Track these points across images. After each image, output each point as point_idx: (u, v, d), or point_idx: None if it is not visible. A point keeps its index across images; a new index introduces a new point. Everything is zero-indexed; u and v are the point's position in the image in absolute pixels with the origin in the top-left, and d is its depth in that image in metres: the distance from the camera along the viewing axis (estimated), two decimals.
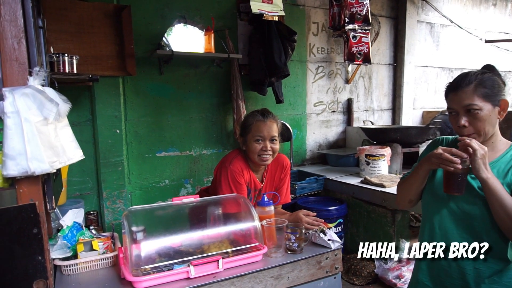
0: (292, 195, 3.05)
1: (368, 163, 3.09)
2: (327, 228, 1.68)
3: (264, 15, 2.42)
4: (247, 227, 1.54)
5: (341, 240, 2.99)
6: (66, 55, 2.08)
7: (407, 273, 2.54)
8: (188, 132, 3.15)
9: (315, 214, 1.75)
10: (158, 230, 1.46)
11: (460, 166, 1.19)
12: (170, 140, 3.09)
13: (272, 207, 1.67)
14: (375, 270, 2.71)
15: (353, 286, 2.72)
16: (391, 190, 2.72)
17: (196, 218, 1.63)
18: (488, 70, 1.31)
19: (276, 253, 1.50)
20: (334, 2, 3.39)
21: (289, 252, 1.52)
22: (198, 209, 1.64)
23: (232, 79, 3.18)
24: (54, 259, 1.39)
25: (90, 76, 2.16)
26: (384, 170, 3.08)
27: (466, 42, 4.96)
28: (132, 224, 1.36)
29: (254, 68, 3.24)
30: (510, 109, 1.33)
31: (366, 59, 3.47)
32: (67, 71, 2.08)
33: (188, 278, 1.32)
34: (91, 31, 2.54)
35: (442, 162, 1.22)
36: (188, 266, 1.32)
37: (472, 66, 4.79)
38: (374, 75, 4.31)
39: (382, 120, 4.48)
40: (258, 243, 1.48)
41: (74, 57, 2.15)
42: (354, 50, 3.39)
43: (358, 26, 3.34)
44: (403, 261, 2.61)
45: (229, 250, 1.44)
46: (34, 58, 1.12)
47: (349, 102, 4.12)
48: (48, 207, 1.18)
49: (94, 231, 1.65)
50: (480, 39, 4.97)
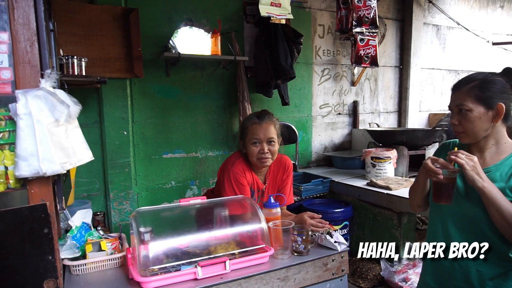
0: (298, 197, 3.05)
1: (374, 166, 3.08)
2: (333, 230, 1.68)
3: (272, 18, 2.43)
4: (254, 228, 1.55)
5: (346, 242, 2.99)
6: (75, 57, 2.11)
7: (413, 276, 2.52)
8: (194, 133, 3.17)
9: (320, 216, 1.75)
10: (165, 231, 1.47)
11: (441, 177, 1.21)
12: (177, 142, 3.11)
13: (278, 209, 1.68)
14: (381, 273, 2.70)
15: None
16: (397, 192, 2.71)
17: (203, 219, 1.64)
18: (504, 73, 1.30)
19: (282, 254, 1.50)
20: (342, 5, 3.40)
21: (295, 254, 1.52)
22: (205, 210, 1.65)
23: (238, 81, 3.20)
24: (63, 259, 1.40)
25: (99, 78, 2.18)
26: (390, 173, 3.07)
27: (473, 44, 4.94)
28: (140, 225, 1.37)
29: (260, 70, 3.25)
30: None
31: (374, 62, 3.47)
32: (76, 73, 2.11)
33: (195, 279, 1.32)
34: (100, 34, 2.57)
35: (427, 172, 1.26)
36: (196, 267, 1.32)
37: (479, 68, 4.76)
38: (380, 78, 4.30)
39: (388, 122, 4.47)
40: (264, 245, 1.49)
41: (83, 59, 2.18)
42: (362, 53, 3.39)
43: (366, 29, 3.34)
44: (409, 263, 2.60)
45: (236, 251, 1.45)
46: (46, 60, 1.14)
47: (355, 105, 4.11)
48: (58, 207, 1.20)
49: (101, 232, 1.67)
50: (487, 41, 4.94)
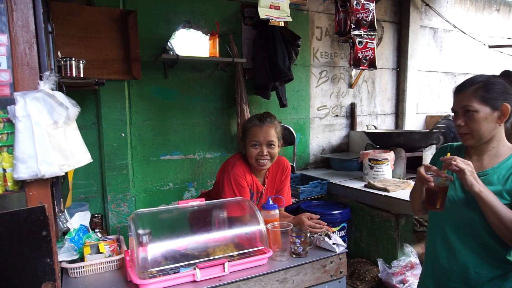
0: (296, 199, 3.06)
1: (371, 167, 3.09)
2: (331, 231, 1.69)
3: (270, 20, 2.44)
4: (252, 230, 1.55)
5: (344, 244, 3.00)
6: (73, 59, 2.11)
7: (411, 277, 2.53)
8: (192, 135, 3.17)
9: (318, 217, 1.75)
10: (164, 233, 1.47)
11: (432, 184, 1.22)
12: (174, 144, 3.10)
13: (277, 211, 1.68)
14: (379, 275, 2.71)
15: None
16: (395, 194, 2.72)
17: (202, 221, 1.64)
18: (505, 75, 1.31)
19: (281, 256, 1.50)
20: (340, 8, 3.41)
21: (294, 255, 1.53)
22: (203, 212, 1.65)
23: (236, 83, 3.20)
24: (61, 262, 1.40)
25: (97, 80, 2.18)
26: (387, 175, 3.08)
27: (469, 47, 4.97)
28: (139, 227, 1.37)
29: (258, 72, 3.26)
30: None
31: (372, 65, 3.48)
32: (74, 75, 2.10)
33: (194, 281, 1.32)
34: (98, 36, 2.57)
35: (419, 180, 1.27)
36: (194, 269, 1.32)
37: (476, 71, 4.79)
38: (378, 80, 4.32)
39: (385, 124, 4.49)
40: (263, 247, 1.49)
41: (81, 61, 2.18)
42: (360, 55, 3.41)
43: (364, 31, 3.35)
44: (407, 265, 2.60)
45: (234, 253, 1.45)
46: (45, 62, 1.14)
47: (352, 107, 4.12)
48: (56, 209, 1.20)
49: (99, 234, 1.66)
50: (484, 44, 4.98)
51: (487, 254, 1.27)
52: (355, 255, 3.08)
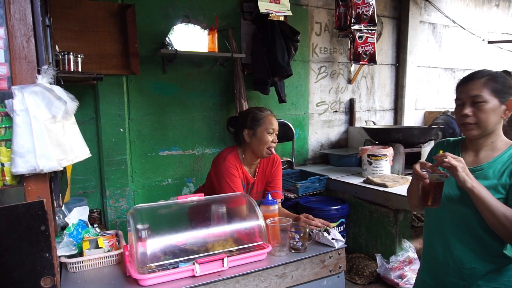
0: (295, 195, 3.06)
1: (370, 163, 3.09)
2: (330, 227, 1.69)
3: (270, 14, 2.42)
4: (252, 225, 1.55)
5: (343, 239, 3.01)
6: (71, 53, 2.09)
7: (409, 272, 2.54)
8: (191, 131, 3.16)
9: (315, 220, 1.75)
10: (163, 228, 1.47)
11: (427, 181, 1.22)
12: (173, 139, 3.10)
13: (276, 206, 1.68)
14: (377, 270, 2.72)
15: (355, 285, 2.73)
16: (393, 190, 2.72)
17: (201, 216, 1.64)
18: (505, 73, 1.32)
19: (280, 251, 1.50)
20: (340, 3, 3.39)
21: (293, 251, 1.53)
22: (202, 207, 1.65)
23: (235, 79, 3.19)
24: (60, 256, 1.40)
25: (95, 74, 2.17)
26: (386, 170, 3.08)
27: (468, 42, 4.96)
28: (138, 222, 1.37)
29: (257, 68, 3.25)
30: None
31: (372, 60, 3.47)
32: (72, 70, 2.09)
33: (193, 276, 1.32)
34: (96, 30, 2.55)
35: (415, 177, 1.27)
36: (193, 264, 1.32)
37: (475, 67, 4.79)
38: (377, 75, 4.31)
39: (384, 120, 4.49)
40: (262, 242, 1.49)
41: (79, 55, 2.16)
42: (360, 50, 3.39)
43: (364, 26, 3.34)
44: (405, 260, 2.62)
45: (233, 248, 1.45)
46: (43, 56, 1.13)
47: (351, 102, 4.12)
48: (55, 204, 1.19)
49: (98, 229, 1.66)
50: (483, 40, 4.97)
51: (482, 249, 1.27)
52: (354, 251, 3.09)
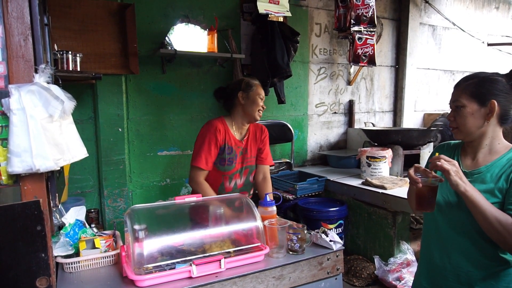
0: (293, 196, 3.05)
1: (369, 165, 3.09)
2: (328, 229, 1.69)
3: (270, 15, 2.41)
4: (249, 227, 1.54)
5: (341, 241, 3.00)
6: (70, 52, 2.08)
7: (407, 275, 2.54)
8: (190, 131, 3.15)
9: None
10: (160, 229, 1.46)
11: (420, 185, 1.22)
12: (172, 139, 3.09)
13: (274, 208, 1.68)
14: (375, 272, 2.71)
15: (353, 287, 2.72)
16: (392, 192, 2.72)
17: (199, 217, 1.63)
18: (507, 75, 1.29)
19: (278, 253, 1.50)
20: (340, 4, 3.39)
21: (290, 252, 1.52)
22: (200, 208, 1.64)
23: (234, 79, 3.18)
24: (56, 257, 1.39)
25: (94, 74, 2.16)
26: (385, 172, 3.08)
27: (468, 45, 4.96)
28: (135, 223, 1.36)
29: (256, 68, 3.24)
30: None
31: (371, 61, 3.47)
32: (71, 69, 2.08)
33: (190, 278, 1.32)
34: (95, 29, 2.54)
35: (410, 181, 1.27)
36: (190, 265, 1.32)
37: (474, 69, 4.77)
38: (376, 77, 4.31)
39: (383, 122, 4.49)
40: (260, 243, 1.48)
41: (78, 54, 2.15)
42: (360, 51, 3.39)
43: (364, 27, 3.33)
44: (403, 262, 2.61)
45: (231, 250, 1.44)
46: (40, 55, 1.12)
47: (350, 104, 4.12)
48: (51, 204, 1.19)
49: (95, 229, 1.65)
50: (482, 42, 4.97)
51: (479, 253, 1.26)
52: (352, 252, 3.09)
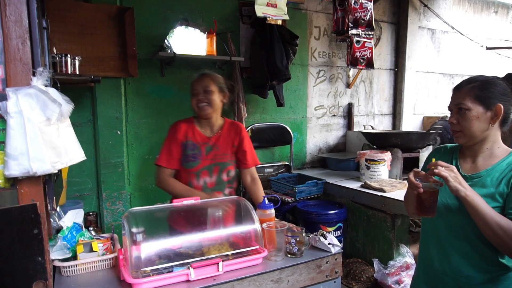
0: (292, 199, 3.05)
1: (368, 168, 3.09)
2: (327, 232, 1.68)
3: (268, 18, 2.41)
4: (247, 229, 1.54)
5: (340, 244, 2.99)
6: (69, 56, 2.09)
7: (407, 278, 2.53)
8: None
9: None
10: (158, 232, 1.46)
11: (421, 190, 1.22)
12: None
13: (272, 210, 1.67)
14: (374, 275, 2.70)
15: None
16: (391, 195, 2.71)
17: (197, 220, 1.63)
18: (507, 78, 1.30)
19: (276, 256, 1.49)
20: (338, 7, 3.40)
21: (289, 255, 1.52)
22: (198, 211, 1.64)
23: (233, 82, 3.19)
24: (53, 260, 1.39)
25: (92, 77, 2.16)
26: (384, 175, 3.07)
27: (467, 48, 4.97)
28: (132, 226, 1.36)
29: (255, 71, 3.25)
30: None
31: (369, 64, 3.47)
32: (70, 72, 2.08)
33: (188, 281, 1.31)
34: (94, 33, 2.55)
35: (410, 186, 1.26)
36: (188, 268, 1.31)
37: (473, 73, 4.79)
38: (375, 80, 4.32)
39: (383, 124, 4.49)
40: (258, 246, 1.48)
41: (77, 57, 2.16)
42: (358, 54, 3.40)
43: (362, 31, 3.34)
44: (402, 266, 2.60)
45: (229, 252, 1.44)
46: (38, 58, 1.12)
47: (349, 107, 4.12)
48: (48, 207, 1.18)
49: (93, 232, 1.65)
50: (481, 46, 4.98)
51: (479, 257, 1.26)
52: (351, 255, 3.08)
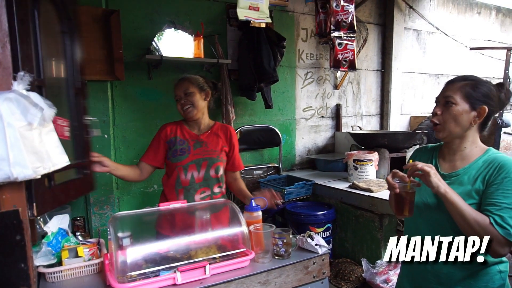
0: (281, 200, 3.05)
1: (356, 168, 3.12)
2: (315, 232, 1.69)
3: (251, 22, 2.43)
4: (235, 232, 1.54)
5: (329, 245, 3.01)
6: (53, 59, 2.06)
7: (394, 277, 2.55)
8: None
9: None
10: (144, 236, 1.45)
11: (397, 190, 1.25)
12: None
13: (260, 212, 1.68)
14: (363, 275, 2.73)
15: None
16: (379, 195, 2.74)
17: (184, 223, 1.63)
18: (497, 84, 1.35)
19: (263, 258, 1.50)
20: (320, 10, 3.43)
21: (276, 257, 1.52)
22: (185, 214, 1.63)
23: (221, 84, 3.19)
24: (38, 266, 1.37)
25: None
26: (371, 175, 3.11)
27: (451, 49, 5.06)
28: (118, 230, 1.35)
29: (243, 73, 3.25)
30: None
31: (352, 66, 3.51)
32: (55, 76, 2.06)
33: (174, 285, 1.31)
34: (79, 36, 2.52)
35: (388, 187, 1.29)
36: (175, 272, 1.31)
37: (458, 73, 4.85)
38: (363, 81, 4.36)
39: (371, 125, 4.53)
40: (245, 249, 1.48)
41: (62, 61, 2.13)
42: (340, 57, 3.43)
43: (344, 33, 3.38)
44: (390, 265, 2.63)
45: (216, 255, 1.44)
46: (19, 62, 1.11)
47: (337, 108, 4.15)
48: (28, 213, 1.16)
49: (80, 237, 1.63)
50: (465, 46, 5.07)
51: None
52: (340, 256, 3.10)
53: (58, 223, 1.54)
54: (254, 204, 1.68)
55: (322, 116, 4.08)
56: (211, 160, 2.04)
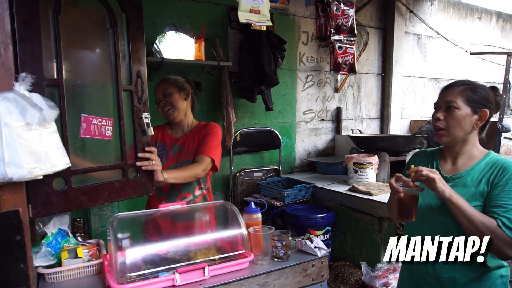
0: (281, 203, 3.06)
1: (356, 171, 3.12)
2: (314, 235, 1.69)
3: (252, 25, 2.44)
4: (234, 234, 1.54)
5: (328, 247, 3.01)
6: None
7: (394, 280, 2.55)
8: None
9: None
10: (143, 237, 1.46)
11: (402, 195, 1.24)
12: None
13: (259, 214, 1.68)
14: (362, 278, 2.72)
15: None
16: (378, 198, 2.74)
17: (183, 224, 1.63)
18: (491, 88, 1.37)
19: (262, 260, 1.50)
20: (321, 13, 3.44)
21: (275, 259, 1.52)
22: (185, 216, 1.64)
23: (222, 87, 3.20)
24: (37, 267, 1.37)
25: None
26: (371, 178, 3.11)
27: (452, 53, 5.07)
28: (118, 231, 1.35)
29: (244, 76, 3.26)
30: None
31: (352, 69, 3.52)
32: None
33: (173, 286, 1.31)
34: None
35: (392, 191, 1.29)
36: (174, 273, 1.31)
37: (458, 77, 4.87)
38: (363, 85, 4.37)
39: (371, 128, 4.54)
40: (244, 250, 1.48)
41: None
42: (340, 60, 3.44)
43: (344, 37, 3.39)
44: (389, 268, 2.63)
45: (215, 257, 1.44)
46: (21, 63, 1.12)
47: (338, 111, 4.16)
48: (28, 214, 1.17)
49: (80, 238, 1.63)
50: (466, 51, 5.09)
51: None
52: (340, 259, 3.10)
53: (58, 223, 1.54)
54: (253, 206, 1.68)
55: (323, 119, 4.09)
56: (188, 162, 1.95)
